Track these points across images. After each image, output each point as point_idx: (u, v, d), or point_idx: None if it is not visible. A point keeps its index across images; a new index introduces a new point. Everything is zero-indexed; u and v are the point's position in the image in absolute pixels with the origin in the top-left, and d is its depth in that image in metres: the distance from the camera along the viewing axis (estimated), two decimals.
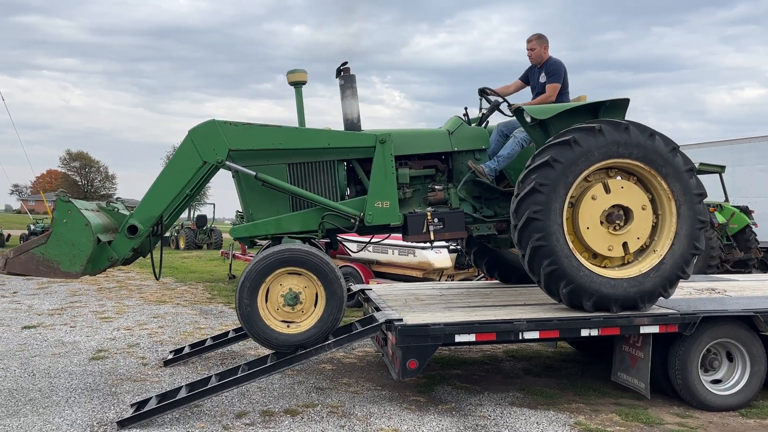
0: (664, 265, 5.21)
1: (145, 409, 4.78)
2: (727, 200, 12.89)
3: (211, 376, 5.18)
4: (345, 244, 7.81)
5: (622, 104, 5.55)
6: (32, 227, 25.28)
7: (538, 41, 6.15)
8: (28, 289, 12.52)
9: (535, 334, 5.06)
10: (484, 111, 6.21)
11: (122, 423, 4.66)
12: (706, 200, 5.42)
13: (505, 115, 6.02)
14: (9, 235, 23.98)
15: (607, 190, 5.24)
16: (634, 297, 5.15)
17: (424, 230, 5.60)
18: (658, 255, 5.25)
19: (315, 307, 5.11)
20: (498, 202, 6.05)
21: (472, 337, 4.94)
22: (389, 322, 4.93)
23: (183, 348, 6.92)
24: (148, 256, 5.86)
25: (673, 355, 5.24)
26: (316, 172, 5.69)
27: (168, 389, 5.29)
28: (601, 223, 5.25)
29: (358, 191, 5.89)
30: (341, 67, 5.84)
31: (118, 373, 6.22)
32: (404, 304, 5.87)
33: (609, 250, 5.27)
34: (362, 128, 5.88)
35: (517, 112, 5.63)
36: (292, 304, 5.06)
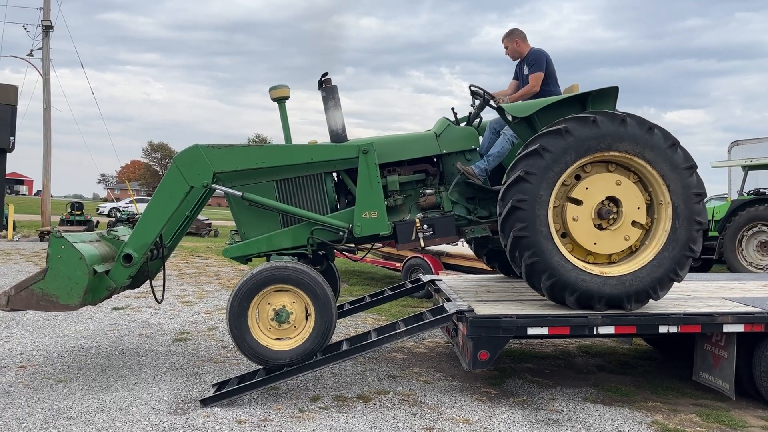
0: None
1: (226, 390, 5.02)
2: None
3: None
4: None
5: (611, 93, 5.29)
6: (118, 214, 26.69)
7: (508, 38, 6.08)
8: None
9: (611, 329, 4.95)
10: (472, 110, 6.05)
11: (205, 401, 4.91)
12: None
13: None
14: (98, 222, 25.42)
15: (577, 203, 5.02)
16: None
17: (413, 238, 5.55)
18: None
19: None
20: (492, 202, 5.80)
21: (545, 330, 4.90)
22: (460, 313, 4.96)
23: None
24: (158, 276, 6.11)
25: (759, 356, 5.02)
26: (304, 187, 5.69)
27: (246, 371, 5.53)
28: (601, 227, 5.05)
29: (349, 201, 5.82)
30: (322, 79, 5.78)
31: (200, 354, 6.54)
32: (475, 296, 5.86)
33: (626, 239, 5.07)
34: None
35: (499, 110, 5.48)
36: (282, 321, 5.10)
